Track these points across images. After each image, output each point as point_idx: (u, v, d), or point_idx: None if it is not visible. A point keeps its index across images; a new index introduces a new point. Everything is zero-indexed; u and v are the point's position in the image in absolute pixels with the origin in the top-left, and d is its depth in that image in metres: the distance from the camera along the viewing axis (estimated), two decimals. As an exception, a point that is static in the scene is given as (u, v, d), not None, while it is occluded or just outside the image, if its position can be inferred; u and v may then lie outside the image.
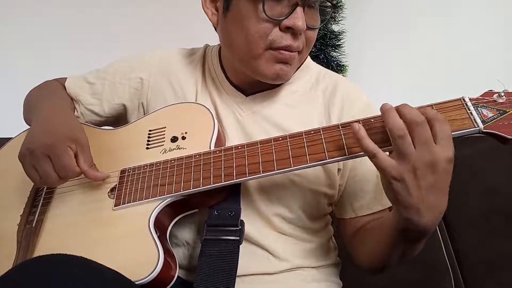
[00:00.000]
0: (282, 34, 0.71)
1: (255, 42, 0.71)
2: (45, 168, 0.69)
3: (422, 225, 0.57)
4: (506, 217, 1.15)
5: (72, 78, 0.91)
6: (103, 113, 0.89)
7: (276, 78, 0.75)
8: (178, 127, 0.76)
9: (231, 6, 0.73)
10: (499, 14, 1.99)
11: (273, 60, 0.73)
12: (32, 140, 0.71)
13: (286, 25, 0.70)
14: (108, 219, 0.69)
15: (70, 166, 0.69)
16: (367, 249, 0.76)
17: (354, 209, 0.80)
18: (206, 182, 0.67)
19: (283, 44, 0.71)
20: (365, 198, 0.79)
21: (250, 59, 0.74)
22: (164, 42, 1.57)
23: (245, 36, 0.72)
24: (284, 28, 0.70)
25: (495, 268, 1.11)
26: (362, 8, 2.07)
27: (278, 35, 0.71)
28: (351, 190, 0.80)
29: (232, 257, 0.67)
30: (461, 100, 0.61)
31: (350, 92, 0.83)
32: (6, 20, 2.02)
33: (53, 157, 0.69)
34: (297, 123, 0.77)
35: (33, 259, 0.59)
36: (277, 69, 0.73)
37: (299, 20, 0.69)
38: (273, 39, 0.71)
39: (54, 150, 0.69)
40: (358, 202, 0.80)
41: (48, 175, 0.69)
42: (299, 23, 0.69)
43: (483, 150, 1.19)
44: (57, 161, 0.69)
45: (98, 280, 0.55)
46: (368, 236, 0.77)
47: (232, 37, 0.75)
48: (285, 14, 0.70)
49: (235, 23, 0.73)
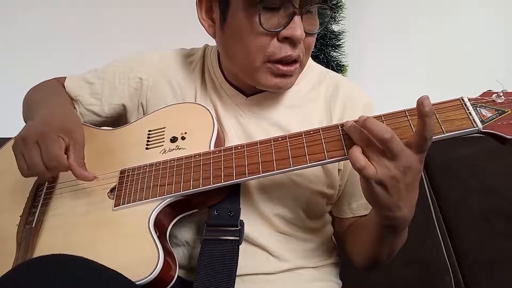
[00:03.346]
0: (281, 45, 0.69)
1: (254, 56, 0.70)
2: (32, 156, 0.67)
3: (403, 217, 0.62)
4: (506, 217, 1.15)
5: (71, 78, 0.91)
6: (102, 113, 0.88)
7: (278, 89, 0.75)
8: (178, 127, 0.76)
9: (228, 18, 0.71)
10: (499, 14, 1.99)
11: (271, 74, 0.72)
12: (27, 129, 0.70)
13: (284, 36, 0.68)
14: (108, 219, 0.69)
15: (58, 156, 0.66)
16: (357, 248, 0.78)
17: (351, 209, 0.81)
18: (205, 183, 0.67)
19: (282, 55, 0.69)
20: (363, 198, 0.79)
21: (250, 71, 0.73)
22: (163, 42, 1.56)
23: (244, 49, 0.71)
24: (282, 39, 0.68)
25: (495, 268, 1.11)
26: (362, 8, 2.06)
27: (276, 46, 0.69)
28: (350, 191, 0.80)
29: (232, 257, 0.67)
30: (460, 100, 0.61)
31: (352, 93, 0.83)
32: (6, 20, 2.02)
33: (42, 144, 0.67)
34: (298, 123, 0.77)
35: (33, 259, 0.59)
36: (277, 82, 0.73)
37: (297, 30, 0.67)
38: (272, 51, 0.69)
39: (44, 137, 0.67)
40: (356, 203, 0.81)
41: (34, 164, 0.67)
42: (297, 33, 0.67)
43: (483, 150, 1.20)
44: (45, 149, 0.66)
45: (98, 280, 0.55)
46: (355, 236, 0.79)
47: (230, 49, 0.74)
48: (282, 25, 0.68)
49: (232, 36, 0.72)
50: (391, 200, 0.59)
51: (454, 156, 1.25)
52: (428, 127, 0.55)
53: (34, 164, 0.67)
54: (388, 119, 0.62)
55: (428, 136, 0.56)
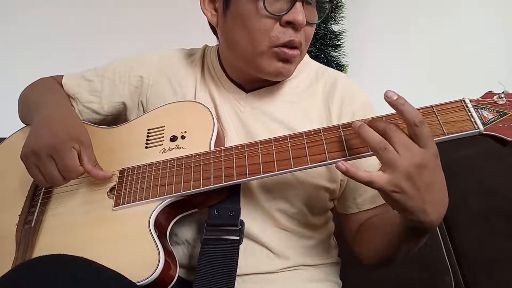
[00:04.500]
0: (284, 29, 0.71)
1: (258, 39, 0.72)
2: (49, 169, 0.70)
3: (429, 222, 0.59)
4: (506, 217, 1.15)
5: (69, 76, 0.91)
6: (102, 111, 0.88)
7: (278, 75, 0.76)
8: (178, 126, 0.76)
9: (231, 5, 0.73)
10: (499, 14, 1.99)
11: (275, 58, 0.74)
12: (35, 140, 0.71)
13: (286, 20, 0.71)
14: (107, 219, 0.69)
15: (74, 166, 0.70)
16: (372, 245, 0.76)
17: (357, 204, 0.81)
18: (206, 183, 0.67)
19: (286, 39, 0.72)
20: (368, 192, 0.79)
21: (253, 57, 0.74)
22: (163, 42, 1.56)
23: (247, 34, 0.72)
24: (285, 23, 0.71)
25: (495, 268, 1.11)
26: (362, 8, 2.06)
27: (280, 30, 0.71)
28: (354, 185, 0.80)
29: (232, 257, 0.67)
30: (462, 102, 0.61)
31: (350, 89, 0.83)
32: (6, 20, 2.02)
33: (57, 158, 0.70)
34: (297, 118, 0.78)
35: (33, 259, 0.59)
36: (278, 67, 0.74)
37: (299, 14, 0.70)
38: (276, 35, 0.71)
39: (57, 151, 0.70)
40: (361, 197, 0.80)
41: (52, 176, 0.70)
42: (299, 17, 0.70)
43: (483, 151, 1.19)
44: (61, 161, 0.70)
45: (98, 280, 0.55)
46: (373, 233, 0.77)
47: (234, 36, 0.75)
48: (285, 10, 0.70)
49: (236, 22, 0.74)
50: (413, 203, 0.56)
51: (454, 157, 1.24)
52: (406, 114, 0.55)
53: (52, 177, 0.70)
54: (389, 120, 0.62)
55: (412, 121, 0.55)
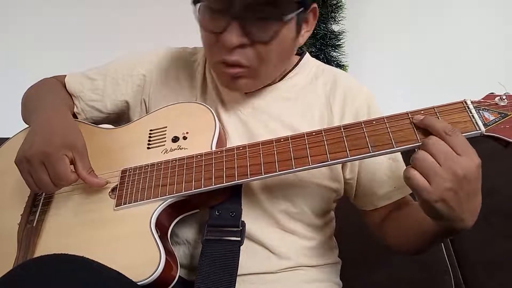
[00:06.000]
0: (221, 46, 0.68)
1: (207, 51, 0.74)
2: (40, 176, 0.69)
3: (464, 227, 0.59)
4: (506, 217, 1.15)
5: (72, 75, 0.91)
6: (105, 109, 0.88)
7: (231, 89, 0.77)
8: (179, 127, 0.76)
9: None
10: (499, 14, 1.99)
11: (224, 72, 0.72)
12: (29, 146, 0.71)
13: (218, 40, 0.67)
14: (109, 219, 0.69)
15: (64, 174, 0.69)
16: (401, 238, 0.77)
17: (372, 201, 0.80)
18: (207, 183, 0.67)
19: (221, 58, 0.69)
20: (383, 188, 0.78)
21: (211, 67, 0.76)
22: (163, 42, 1.56)
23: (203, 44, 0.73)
24: None
25: (495, 268, 1.11)
26: (362, 8, 2.06)
27: (219, 46, 0.68)
28: (367, 183, 0.79)
29: (233, 257, 0.67)
30: (463, 103, 0.61)
31: (351, 85, 0.83)
32: (6, 20, 2.02)
33: (48, 165, 0.68)
34: (298, 116, 0.78)
35: (34, 259, 0.59)
36: (228, 81, 0.74)
37: (229, 36, 0.65)
38: (216, 51, 0.69)
39: (49, 158, 0.68)
40: (376, 194, 0.79)
41: (43, 183, 0.69)
42: (227, 39, 0.65)
43: (483, 151, 1.19)
44: (52, 169, 0.68)
45: (99, 280, 0.55)
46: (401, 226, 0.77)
47: None
48: (220, 28, 0.66)
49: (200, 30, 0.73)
50: (453, 213, 0.56)
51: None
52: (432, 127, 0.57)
53: (43, 184, 0.70)
54: (390, 121, 0.62)
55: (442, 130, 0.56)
